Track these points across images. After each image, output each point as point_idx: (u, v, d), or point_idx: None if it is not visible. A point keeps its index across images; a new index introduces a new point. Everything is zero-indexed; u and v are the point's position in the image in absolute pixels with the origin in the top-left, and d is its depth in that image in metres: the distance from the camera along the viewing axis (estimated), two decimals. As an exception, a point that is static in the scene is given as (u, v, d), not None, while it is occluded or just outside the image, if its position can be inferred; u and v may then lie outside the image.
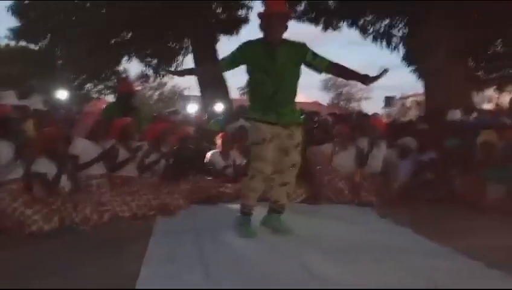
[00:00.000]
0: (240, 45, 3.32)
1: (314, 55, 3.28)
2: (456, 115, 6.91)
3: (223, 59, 3.45)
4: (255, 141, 3.33)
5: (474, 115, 7.20)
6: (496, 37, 11.64)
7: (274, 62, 3.19)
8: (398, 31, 11.66)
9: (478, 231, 3.62)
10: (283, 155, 3.35)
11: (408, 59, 12.35)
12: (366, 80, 3.28)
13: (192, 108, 11.35)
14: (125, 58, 13.52)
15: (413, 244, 3.24)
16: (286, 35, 3.29)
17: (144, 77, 14.34)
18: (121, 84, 6.07)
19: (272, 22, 3.17)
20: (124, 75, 14.40)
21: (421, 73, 10.23)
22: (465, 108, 7.85)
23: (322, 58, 3.29)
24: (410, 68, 12.60)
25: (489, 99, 29.86)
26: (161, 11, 10.12)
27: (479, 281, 2.46)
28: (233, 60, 3.34)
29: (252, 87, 3.41)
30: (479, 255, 2.82)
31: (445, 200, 4.86)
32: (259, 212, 3.54)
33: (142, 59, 13.42)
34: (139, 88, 30.30)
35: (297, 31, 3.33)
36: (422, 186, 5.20)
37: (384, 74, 3.23)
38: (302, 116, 3.55)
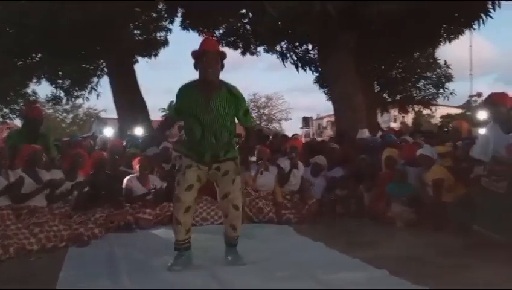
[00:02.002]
0: (177, 92, 3.23)
1: (246, 112, 3.28)
2: (364, 134, 7.47)
3: (171, 111, 3.36)
4: (178, 169, 3.29)
5: (379, 134, 7.84)
6: (397, 64, 12.93)
7: (207, 108, 3.11)
8: (314, 56, 12.41)
9: (383, 242, 3.95)
10: (216, 187, 3.33)
11: (319, 82, 13.20)
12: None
13: (109, 131, 10.87)
14: (34, 79, 12.69)
15: (326, 258, 3.45)
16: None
17: (54, 100, 13.50)
18: (28, 109, 5.68)
19: (205, 60, 3.10)
20: (32, 98, 13.40)
21: (331, 95, 10.94)
22: (371, 128, 8.55)
23: (248, 120, 3.32)
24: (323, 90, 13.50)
25: (395, 119, 32.74)
26: (73, 31, 9.73)
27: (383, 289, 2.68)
28: (177, 109, 3.27)
29: (184, 128, 3.34)
30: (384, 265, 3.08)
31: (355, 214, 5.24)
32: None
33: (52, 81, 12.69)
34: (49, 111, 28.62)
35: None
36: (335, 202, 5.56)
37: None
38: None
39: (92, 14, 8.97)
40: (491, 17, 8.58)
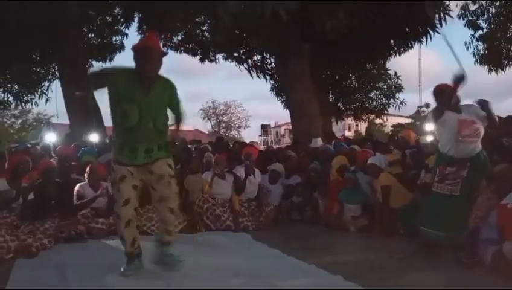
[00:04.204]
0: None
1: (178, 103, 3.31)
2: (317, 142, 7.63)
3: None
4: (112, 182, 3.24)
5: (333, 142, 8.03)
6: (350, 74, 13.36)
7: (146, 94, 3.07)
8: (270, 64, 12.60)
9: (337, 248, 4.07)
10: (152, 190, 3.27)
11: (275, 90, 13.42)
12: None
13: (52, 137, 10.12)
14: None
15: (283, 265, 3.49)
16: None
17: (2, 104, 12.84)
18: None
19: (145, 56, 3.08)
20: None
21: (288, 103, 11.12)
22: (325, 136, 8.77)
23: (180, 108, 3.34)
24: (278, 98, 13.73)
25: (349, 128, 33.78)
26: (24, 32, 9.30)
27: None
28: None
29: (116, 119, 3.18)
30: (338, 270, 3.16)
31: (311, 221, 5.34)
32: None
33: (0, 84, 12.09)
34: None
35: (180, 61, 3.25)
36: (291, 209, 5.65)
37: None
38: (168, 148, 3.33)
39: (43, 15, 8.62)
40: (438, 32, 9.09)
